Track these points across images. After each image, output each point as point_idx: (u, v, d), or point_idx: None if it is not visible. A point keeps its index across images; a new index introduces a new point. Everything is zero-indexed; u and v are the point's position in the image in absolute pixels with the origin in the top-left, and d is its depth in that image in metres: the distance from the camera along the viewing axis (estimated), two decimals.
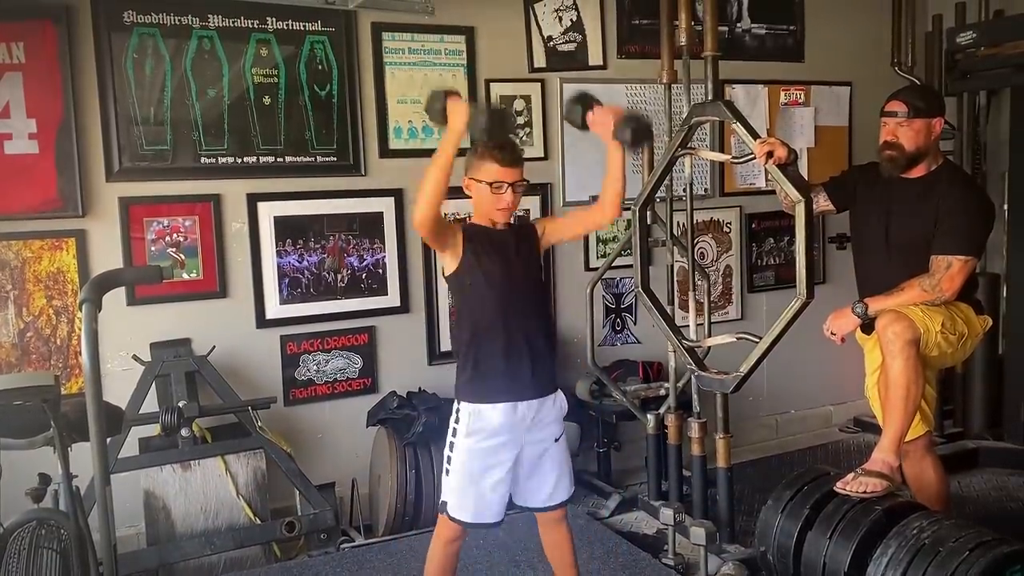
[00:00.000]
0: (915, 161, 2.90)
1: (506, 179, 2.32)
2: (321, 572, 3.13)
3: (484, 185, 2.33)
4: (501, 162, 2.31)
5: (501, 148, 2.33)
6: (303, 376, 3.67)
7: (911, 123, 2.85)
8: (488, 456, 2.37)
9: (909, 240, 2.88)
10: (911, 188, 2.91)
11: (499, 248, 2.39)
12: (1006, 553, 2.24)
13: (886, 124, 2.91)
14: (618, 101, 4.15)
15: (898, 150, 2.88)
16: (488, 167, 2.32)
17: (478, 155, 2.35)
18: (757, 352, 2.95)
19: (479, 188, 2.36)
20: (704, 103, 3.08)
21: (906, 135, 2.86)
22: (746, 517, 3.43)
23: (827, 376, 4.73)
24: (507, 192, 2.33)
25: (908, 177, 2.93)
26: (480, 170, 2.34)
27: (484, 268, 2.36)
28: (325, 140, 3.64)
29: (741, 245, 4.58)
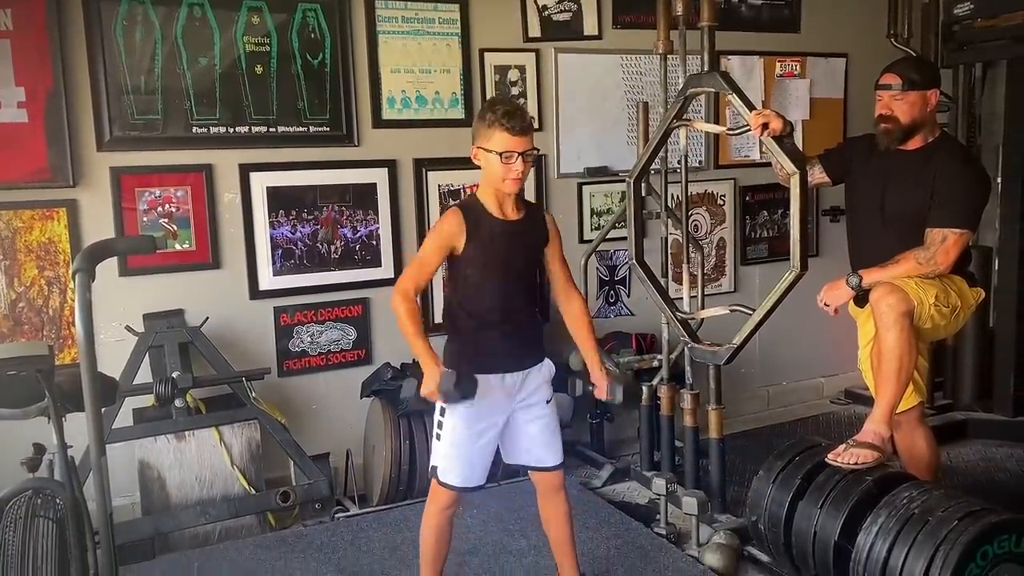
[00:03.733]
0: (910, 134, 2.90)
1: (516, 148, 2.27)
2: (316, 541, 3.15)
3: (494, 155, 2.28)
4: (511, 131, 2.26)
5: (510, 116, 2.27)
6: (297, 347, 3.67)
7: (906, 96, 2.85)
8: (477, 421, 2.39)
9: (904, 212, 2.88)
10: (907, 160, 2.91)
11: (504, 241, 2.36)
12: (994, 522, 2.27)
13: (881, 97, 2.90)
14: (614, 73, 4.13)
15: (893, 123, 2.87)
16: (498, 136, 2.27)
17: (487, 123, 2.29)
18: (750, 324, 2.97)
19: (488, 157, 2.30)
20: (700, 74, 3.06)
21: (901, 108, 2.85)
22: (737, 488, 3.46)
23: (819, 348, 4.76)
24: (517, 161, 2.28)
25: (904, 149, 2.92)
26: (490, 139, 2.29)
27: (485, 263, 2.35)
28: (318, 110, 3.61)
29: (735, 218, 4.58)
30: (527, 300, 2.50)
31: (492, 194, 2.37)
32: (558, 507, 2.58)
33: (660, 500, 3.23)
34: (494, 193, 2.36)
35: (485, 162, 2.32)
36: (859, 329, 3.12)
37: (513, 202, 2.40)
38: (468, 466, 2.42)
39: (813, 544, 2.59)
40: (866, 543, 2.42)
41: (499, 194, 2.36)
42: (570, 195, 4.16)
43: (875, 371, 2.81)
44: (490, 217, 2.36)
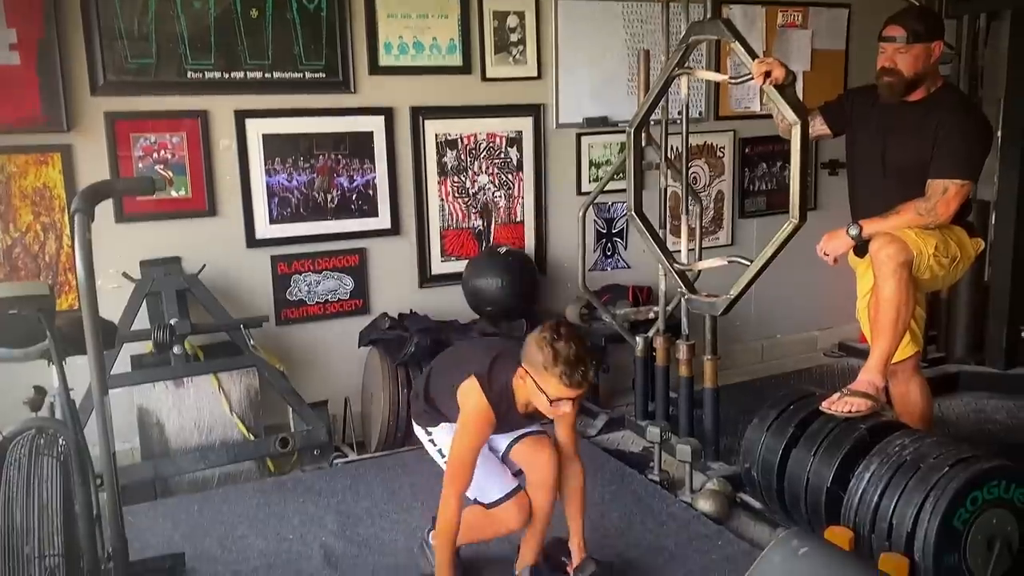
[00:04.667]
0: (914, 86, 2.87)
1: (570, 396, 2.15)
2: (314, 486, 3.19)
3: (543, 395, 2.15)
4: (569, 384, 2.11)
5: (572, 368, 2.09)
6: (294, 296, 3.67)
7: (909, 48, 2.81)
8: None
9: (905, 163, 2.87)
10: (909, 111, 2.89)
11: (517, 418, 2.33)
12: (985, 469, 2.30)
13: (884, 50, 2.87)
14: (614, 20, 4.07)
15: (896, 76, 2.84)
16: (554, 384, 2.11)
17: (543, 364, 2.11)
18: (748, 275, 2.97)
19: (536, 392, 2.16)
20: (703, 21, 3.01)
21: (904, 61, 2.82)
22: (730, 437, 3.50)
23: (813, 301, 4.78)
24: (566, 405, 2.17)
25: (906, 100, 2.90)
26: (544, 381, 2.13)
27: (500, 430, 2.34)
28: (314, 55, 3.56)
29: (734, 170, 4.56)
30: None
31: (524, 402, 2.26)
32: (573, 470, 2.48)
33: (654, 448, 3.27)
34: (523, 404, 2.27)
35: (531, 391, 2.18)
36: (858, 280, 3.13)
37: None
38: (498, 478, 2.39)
39: (806, 490, 2.62)
40: (858, 489, 2.45)
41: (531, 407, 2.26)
42: (568, 146, 4.13)
43: (872, 321, 2.83)
44: (515, 410, 2.28)
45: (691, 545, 2.73)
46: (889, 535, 2.34)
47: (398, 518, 2.94)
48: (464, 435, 2.26)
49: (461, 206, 3.94)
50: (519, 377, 2.20)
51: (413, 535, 2.81)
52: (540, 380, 2.13)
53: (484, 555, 2.63)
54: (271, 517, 2.96)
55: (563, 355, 2.09)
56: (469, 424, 2.25)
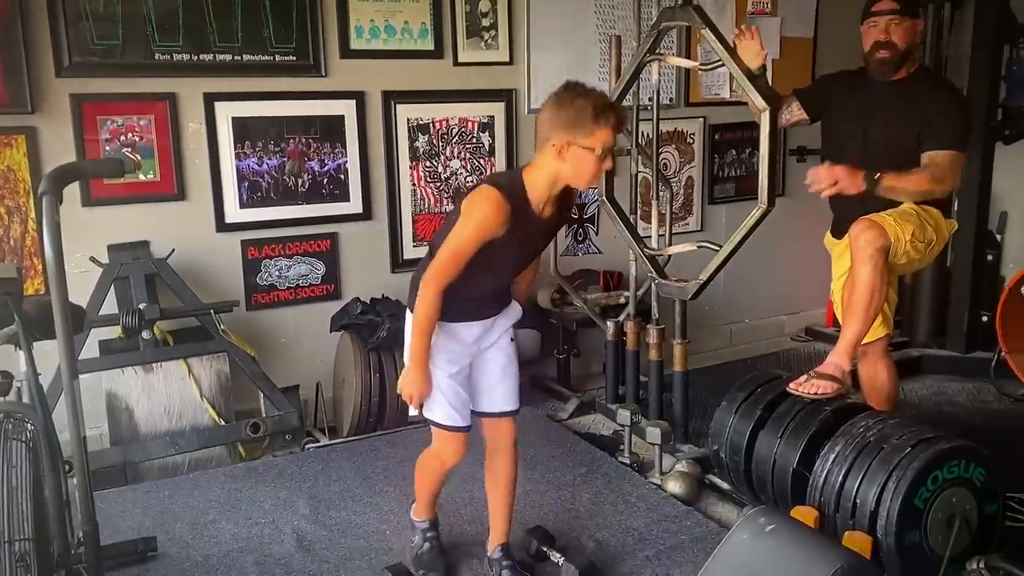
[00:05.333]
0: (903, 62, 2.91)
1: (615, 144, 2.14)
2: (286, 471, 3.19)
3: (592, 153, 2.07)
4: (618, 128, 2.09)
5: (616, 110, 2.10)
6: (265, 281, 3.65)
7: (903, 21, 2.86)
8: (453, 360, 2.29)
9: (890, 143, 2.89)
10: (892, 91, 2.92)
11: (529, 239, 2.22)
12: (945, 449, 2.36)
13: (876, 23, 2.89)
14: (586, 6, 4.07)
15: (891, 50, 2.87)
16: (604, 134, 2.06)
17: (592, 118, 2.04)
18: (717, 260, 3.01)
19: (583, 156, 2.07)
20: (674, 7, 3.04)
21: (898, 33, 2.86)
22: (699, 420, 3.55)
23: (781, 287, 4.85)
24: (610, 158, 2.13)
25: (884, 81, 2.94)
26: (593, 136, 2.05)
27: (503, 258, 2.19)
28: (284, 38, 3.53)
29: (704, 156, 4.60)
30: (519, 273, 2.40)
31: (546, 189, 2.14)
32: (508, 466, 2.45)
33: (624, 431, 3.31)
34: (550, 188, 2.14)
35: (576, 159, 2.08)
36: (834, 262, 3.17)
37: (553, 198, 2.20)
38: (450, 404, 2.31)
39: (772, 472, 2.67)
40: (823, 470, 2.50)
41: (555, 191, 2.16)
42: None
43: (845, 304, 2.86)
44: (529, 211, 2.15)
45: (660, 526, 2.77)
46: (853, 514, 2.39)
47: (371, 502, 2.95)
48: (467, 226, 2.09)
49: (433, 191, 3.94)
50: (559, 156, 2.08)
51: (386, 518, 2.83)
52: (589, 140, 2.05)
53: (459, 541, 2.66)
54: (242, 502, 2.96)
55: (602, 101, 2.07)
56: (476, 214, 2.08)
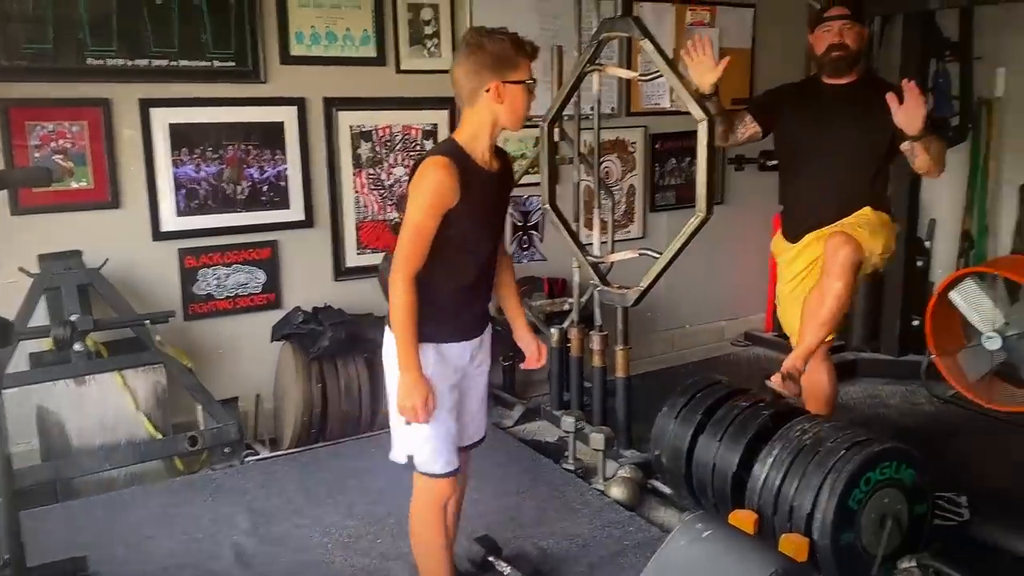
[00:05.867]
0: (855, 63, 3.01)
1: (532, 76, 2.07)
2: (225, 484, 3.13)
3: (522, 87, 2.02)
4: (531, 56, 2.04)
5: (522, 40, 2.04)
6: (203, 291, 3.58)
7: (854, 25, 2.97)
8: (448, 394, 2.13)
9: (850, 145, 2.96)
10: (843, 94, 3.02)
11: (490, 195, 2.11)
12: (877, 451, 2.43)
13: (830, 28, 2.99)
14: (529, 15, 4.09)
15: (846, 51, 2.98)
16: (524, 64, 2.02)
17: (511, 52, 2.00)
18: (657, 267, 3.05)
19: (515, 92, 2.01)
20: (614, 18, 3.07)
21: (851, 36, 2.97)
22: (642, 425, 3.56)
23: (721, 292, 4.94)
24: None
25: (837, 84, 3.03)
26: (522, 67, 2.02)
27: (473, 224, 2.06)
28: (222, 44, 3.47)
29: (645, 165, 4.66)
30: (495, 254, 2.24)
31: (486, 141, 2.07)
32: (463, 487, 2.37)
33: (568, 437, 3.33)
34: (489, 139, 2.07)
35: (510, 99, 2.01)
36: (784, 265, 3.22)
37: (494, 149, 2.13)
38: (449, 447, 2.13)
39: (712, 475, 2.71)
40: (761, 473, 2.55)
41: (492, 141, 2.08)
42: None
43: (811, 311, 2.89)
44: (478, 168, 2.05)
45: (603, 532, 2.79)
46: (790, 516, 2.45)
47: (312, 514, 2.91)
48: (420, 197, 1.98)
49: (376, 198, 3.91)
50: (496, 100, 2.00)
51: (327, 531, 2.79)
52: (516, 73, 2.01)
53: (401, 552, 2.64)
54: (179, 517, 2.89)
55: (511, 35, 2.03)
56: (425, 182, 1.98)
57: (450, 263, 2.07)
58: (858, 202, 3.02)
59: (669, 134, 4.65)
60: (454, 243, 2.04)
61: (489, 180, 2.09)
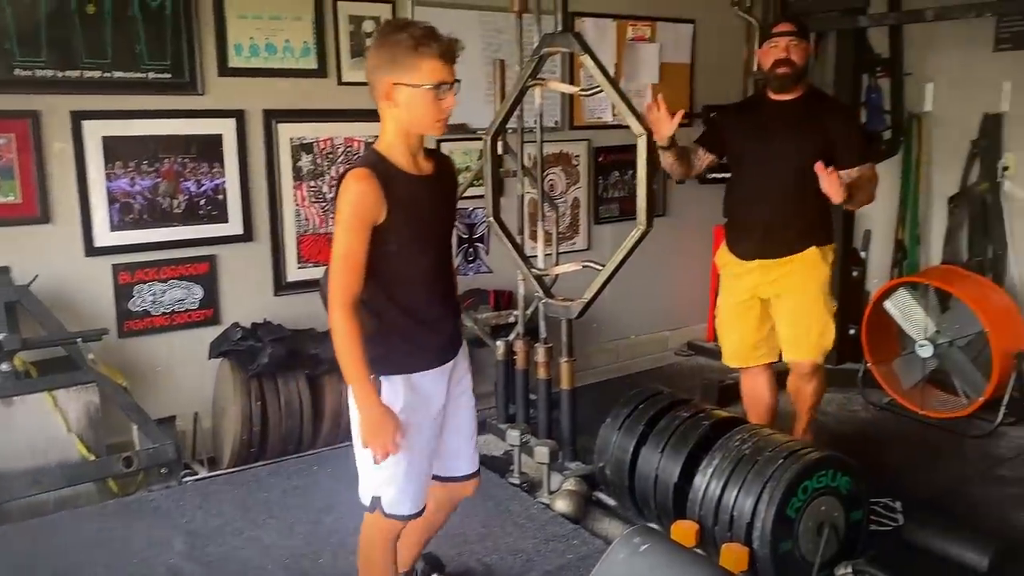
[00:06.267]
0: (800, 79, 3.07)
1: (450, 78, 1.86)
2: (162, 506, 3.04)
3: (423, 90, 1.83)
4: (444, 56, 1.84)
5: (437, 37, 1.83)
6: (138, 307, 3.49)
7: (800, 42, 3.03)
8: (425, 429, 2.02)
9: (794, 159, 3.00)
10: (788, 109, 3.07)
11: (427, 203, 1.96)
12: (813, 460, 2.47)
13: (777, 44, 3.04)
14: (472, 29, 4.10)
15: (791, 66, 3.03)
16: (428, 65, 1.82)
17: (407, 49, 1.82)
18: (600, 279, 3.07)
19: (412, 95, 1.84)
20: (554, 34, 3.09)
21: (797, 52, 3.02)
22: (588, 436, 3.58)
23: (664, 303, 4.99)
24: (450, 95, 1.87)
25: (781, 100, 3.08)
26: (416, 70, 1.82)
27: (412, 234, 1.92)
28: (158, 55, 3.40)
29: (589, 178, 4.70)
30: (452, 269, 2.14)
31: (403, 145, 1.92)
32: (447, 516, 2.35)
33: (514, 451, 3.32)
34: (406, 143, 1.92)
35: (407, 102, 1.85)
36: (732, 280, 3.24)
37: (422, 153, 1.98)
38: (420, 488, 2.03)
39: (655, 487, 2.74)
40: (702, 484, 2.58)
41: (411, 145, 1.93)
42: None
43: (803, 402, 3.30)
44: (405, 175, 1.91)
45: (548, 546, 2.79)
46: (731, 526, 2.48)
47: (251, 535, 2.85)
48: (342, 217, 1.85)
49: (318, 211, 3.86)
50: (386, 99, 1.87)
51: (267, 552, 2.74)
52: (412, 75, 1.83)
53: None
54: (113, 541, 2.80)
55: (420, 29, 1.83)
56: (344, 199, 1.84)
57: (398, 282, 1.95)
58: (805, 227, 3.07)
59: (612, 147, 4.69)
60: (396, 260, 1.92)
61: (421, 185, 1.94)
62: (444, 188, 2.06)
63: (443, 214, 2.06)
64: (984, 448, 3.67)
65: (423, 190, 1.95)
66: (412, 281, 1.97)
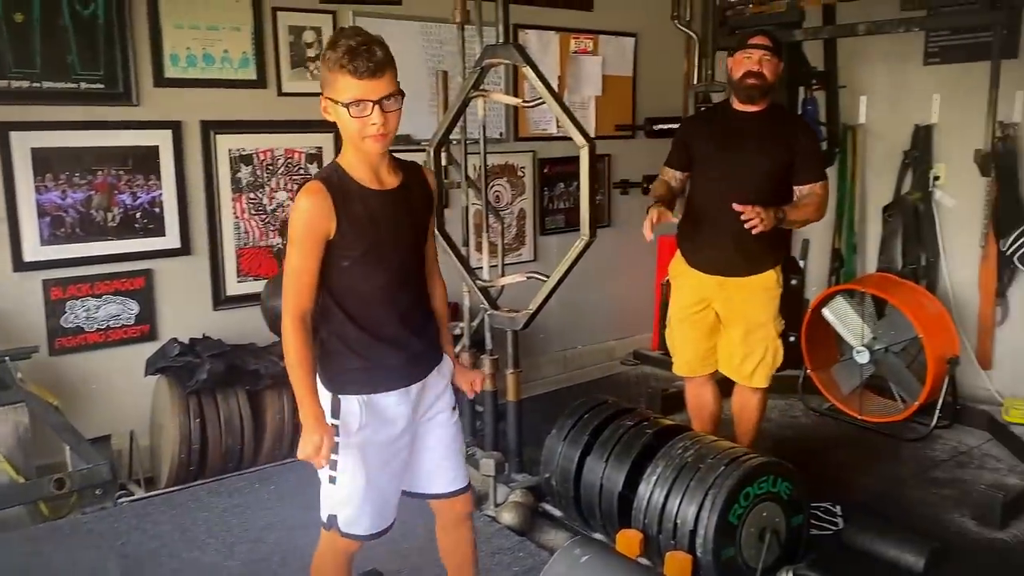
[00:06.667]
0: (768, 92, 3.10)
1: (368, 96, 1.77)
2: (96, 529, 2.95)
3: (340, 107, 1.79)
4: (355, 73, 1.75)
5: (353, 54, 1.75)
6: (70, 323, 3.39)
7: (772, 58, 3.05)
8: (385, 449, 1.97)
9: (756, 169, 3.02)
10: (752, 121, 3.08)
11: (385, 217, 1.90)
12: (755, 465, 2.50)
13: (751, 56, 3.04)
14: (414, 40, 4.09)
15: (761, 80, 3.04)
16: (343, 82, 1.77)
17: (328, 66, 1.78)
18: (544, 290, 3.07)
19: (338, 112, 1.80)
20: (496, 45, 3.09)
21: (768, 67, 3.04)
22: (535, 448, 3.57)
23: (610, 313, 5.02)
24: (373, 112, 1.78)
25: (746, 111, 3.08)
26: (335, 87, 1.79)
27: (366, 248, 1.87)
28: (91, 65, 3.32)
29: (534, 189, 4.71)
30: (421, 285, 2.06)
31: (358, 158, 1.88)
32: (462, 539, 2.23)
33: None
34: (361, 156, 1.88)
35: (336, 117, 1.83)
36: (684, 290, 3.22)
37: (387, 165, 1.93)
38: (378, 509, 2.00)
39: (600, 496, 2.74)
40: (646, 492, 2.59)
41: (367, 158, 1.88)
42: None
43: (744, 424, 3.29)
44: (360, 187, 1.87)
45: (493, 559, 2.77)
46: (675, 534, 2.49)
47: (190, 557, 2.77)
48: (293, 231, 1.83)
49: (258, 223, 3.80)
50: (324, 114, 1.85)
51: (205, 573, 2.66)
52: (333, 92, 1.79)
53: None
54: (42, 568, 2.70)
55: (344, 45, 1.76)
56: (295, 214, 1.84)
57: (353, 297, 1.90)
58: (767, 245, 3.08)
59: (557, 159, 4.72)
60: (349, 275, 1.88)
61: (381, 200, 1.89)
62: (412, 200, 1.98)
63: (408, 228, 1.97)
64: (920, 451, 3.76)
65: (382, 204, 1.90)
66: (368, 297, 1.92)
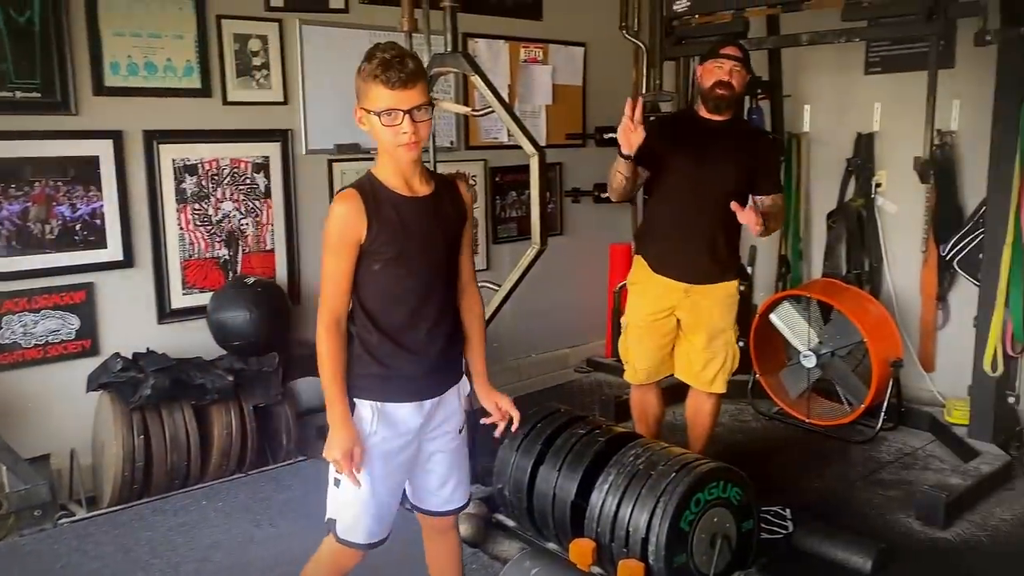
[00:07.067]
0: (734, 104, 3.14)
1: (400, 105, 1.85)
2: (35, 551, 2.86)
3: (373, 116, 1.88)
4: (387, 83, 1.85)
5: (387, 65, 1.84)
6: (7, 339, 3.28)
7: (742, 69, 3.06)
8: (391, 459, 2.02)
9: (725, 179, 3.03)
10: (718, 130, 3.08)
11: (416, 223, 1.95)
12: (704, 472, 2.52)
13: (722, 65, 3.04)
14: (362, 48, 4.02)
15: (730, 90, 3.05)
16: (375, 92, 1.86)
17: (363, 77, 1.88)
18: (497, 299, 3.08)
19: (371, 120, 1.89)
20: (444, 54, 3.10)
21: (738, 78, 3.05)
22: (489, 459, 3.56)
23: (563, 321, 5.03)
24: (404, 121, 1.86)
25: (713, 119, 3.09)
26: (368, 96, 1.88)
27: (397, 254, 1.94)
28: (26, 73, 3.23)
29: (486, 198, 4.70)
30: (449, 298, 2.07)
31: (391, 167, 1.95)
32: (449, 546, 2.32)
33: None
34: (395, 165, 1.95)
35: (370, 127, 1.91)
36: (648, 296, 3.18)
37: (420, 174, 1.99)
38: (378, 518, 2.04)
39: (553, 506, 2.73)
40: (599, 500, 2.59)
41: (399, 166, 1.95)
42: (320, 172, 4.05)
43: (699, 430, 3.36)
44: (392, 194, 1.94)
45: None
46: (627, 542, 2.49)
47: None
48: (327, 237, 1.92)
49: (204, 234, 3.73)
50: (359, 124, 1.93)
51: None
52: (367, 101, 1.89)
53: None
54: None
55: (379, 57, 1.86)
56: (329, 221, 1.92)
57: (382, 301, 1.97)
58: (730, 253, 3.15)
59: (509, 167, 4.72)
60: (381, 278, 1.95)
61: (411, 206, 1.95)
62: (442, 209, 2.02)
63: (437, 236, 2.01)
64: (866, 453, 3.83)
65: (412, 211, 1.96)
66: (396, 301, 1.98)
